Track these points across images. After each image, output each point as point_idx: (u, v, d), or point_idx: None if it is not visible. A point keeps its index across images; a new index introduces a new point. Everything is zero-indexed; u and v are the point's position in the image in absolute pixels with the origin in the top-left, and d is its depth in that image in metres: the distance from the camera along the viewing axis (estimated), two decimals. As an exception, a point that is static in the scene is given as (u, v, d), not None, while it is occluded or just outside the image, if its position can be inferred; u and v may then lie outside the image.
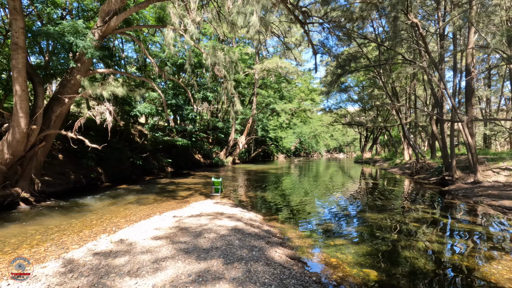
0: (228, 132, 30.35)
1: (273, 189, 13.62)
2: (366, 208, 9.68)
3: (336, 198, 11.72)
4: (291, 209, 9.14)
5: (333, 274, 4.37)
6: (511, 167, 12.96)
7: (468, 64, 14.54)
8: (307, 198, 11.37)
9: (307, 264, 4.63)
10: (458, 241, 6.24)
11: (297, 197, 11.41)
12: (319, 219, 7.91)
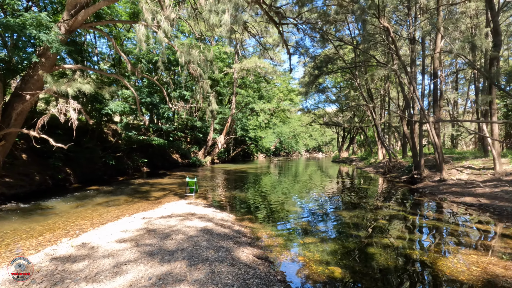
0: (206, 132, 30.01)
1: (250, 189, 13.62)
2: (340, 206, 9.91)
3: (312, 197, 11.91)
4: (266, 209, 9.18)
5: (298, 272, 4.42)
6: (472, 165, 13.77)
7: (436, 68, 15.29)
8: (283, 197, 11.47)
9: (274, 263, 4.65)
10: (420, 236, 6.53)
11: (274, 197, 11.48)
12: (293, 218, 7.99)
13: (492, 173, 11.93)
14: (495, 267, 4.63)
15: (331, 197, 11.78)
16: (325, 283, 4.14)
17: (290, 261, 4.87)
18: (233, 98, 30.56)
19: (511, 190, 9.83)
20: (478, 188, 10.98)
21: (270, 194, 12.26)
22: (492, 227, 7.23)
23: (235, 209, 9.11)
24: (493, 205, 9.13)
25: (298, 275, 4.32)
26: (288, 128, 56.64)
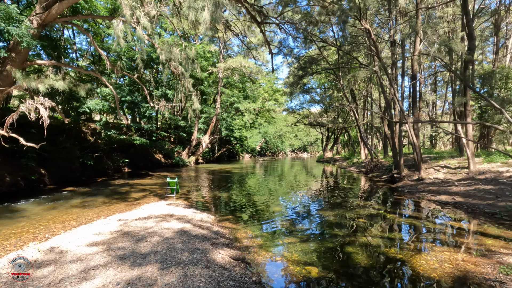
0: (191, 131, 29.62)
1: (234, 189, 13.51)
2: (322, 206, 9.98)
3: (295, 196, 11.95)
4: (248, 209, 9.10)
5: (275, 273, 4.38)
6: (448, 165, 14.25)
7: (415, 70, 15.70)
8: (267, 197, 11.43)
9: (251, 265, 4.59)
10: (397, 235, 6.65)
11: (257, 197, 11.42)
12: (275, 218, 7.96)
13: (466, 172, 12.38)
14: (466, 263, 4.76)
15: (314, 197, 11.86)
16: (301, 283, 4.12)
17: (268, 262, 4.82)
18: (218, 97, 30.31)
19: (483, 189, 10.23)
20: (453, 186, 11.36)
21: (254, 194, 12.20)
22: (465, 225, 7.46)
23: (216, 209, 8.99)
24: (466, 203, 9.45)
25: (274, 276, 4.28)
26: (274, 128, 56.81)
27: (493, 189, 10.08)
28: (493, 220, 7.68)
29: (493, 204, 8.81)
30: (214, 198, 10.96)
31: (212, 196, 11.48)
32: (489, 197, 9.49)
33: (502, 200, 8.94)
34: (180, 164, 25.33)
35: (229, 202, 10.16)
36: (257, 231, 6.63)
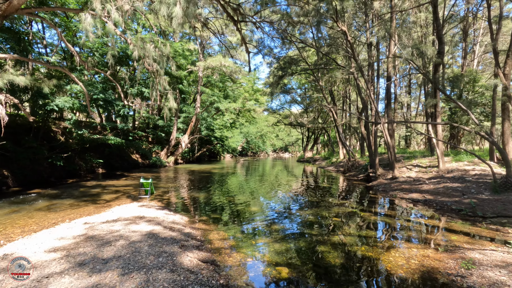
0: (169, 131, 28.97)
1: (212, 189, 13.29)
2: (298, 205, 10.01)
3: (272, 196, 11.93)
4: (224, 210, 8.96)
5: (244, 274, 4.28)
6: (420, 164, 14.80)
7: (389, 72, 16.20)
8: (244, 197, 11.33)
9: (220, 267, 4.47)
10: (369, 233, 6.76)
11: (234, 197, 11.29)
12: (250, 219, 7.88)
13: (436, 171, 12.90)
14: (431, 259, 4.89)
15: (292, 197, 11.89)
16: (270, 284, 4.06)
17: (238, 263, 4.72)
18: (198, 97, 29.87)
19: (451, 186, 10.68)
20: (424, 185, 11.79)
21: (232, 194, 12.06)
22: (433, 221, 7.73)
23: (191, 211, 8.77)
24: (436, 200, 9.82)
25: (243, 277, 4.18)
26: (255, 128, 56.83)
27: (460, 186, 10.55)
28: (459, 216, 8.00)
29: (459, 201, 9.21)
30: (190, 199, 10.72)
31: (188, 197, 11.23)
32: (456, 195, 9.92)
33: (467, 197, 9.36)
34: (157, 164, 24.67)
35: (205, 203, 9.97)
36: (231, 232, 6.52)
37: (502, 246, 5.32)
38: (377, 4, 12.37)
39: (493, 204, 8.44)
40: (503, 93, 12.15)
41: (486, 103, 20.27)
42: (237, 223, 7.34)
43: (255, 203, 10.20)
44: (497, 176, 9.96)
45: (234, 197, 11.32)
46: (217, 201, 10.27)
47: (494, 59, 13.10)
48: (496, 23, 15.16)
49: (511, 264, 4.43)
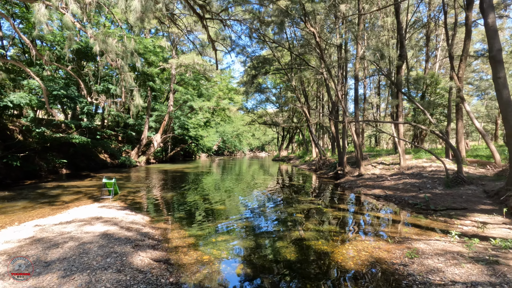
0: (140, 130, 28.11)
1: (182, 189, 13.07)
2: (264, 202, 10.10)
3: (241, 194, 11.95)
4: (191, 209, 8.84)
5: (197, 272, 4.26)
6: (384, 161, 15.52)
7: (356, 73, 16.80)
8: (212, 196, 11.25)
9: (173, 265, 4.41)
10: (329, 228, 6.97)
11: (203, 196, 11.18)
12: (215, 217, 7.84)
13: (398, 168, 13.58)
14: (381, 250, 5.15)
15: (259, 194, 11.99)
16: (222, 280, 4.07)
17: (194, 261, 4.68)
18: (171, 95, 29.22)
19: (410, 182, 11.31)
20: (386, 181, 12.37)
21: (201, 194, 11.93)
22: (390, 215, 8.14)
23: (154, 210, 8.57)
24: (395, 195, 10.35)
25: (196, 275, 4.16)
26: (231, 127, 56.63)
27: (417, 182, 11.18)
28: (414, 210, 8.49)
29: (416, 196, 9.77)
30: (156, 199, 10.47)
31: (155, 196, 10.97)
32: (413, 190, 10.51)
33: (423, 192, 9.95)
34: (127, 164, 23.83)
35: (172, 203, 9.79)
36: (193, 230, 6.45)
37: (446, 236, 5.72)
38: (344, 7, 12.79)
39: (445, 198, 9.04)
40: (456, 94, 13.04)
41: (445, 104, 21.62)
42: (200, 222, 7.28)
43: (223, 202, 10.17)
44: (450, 172, 10.68)
45: (203, 196, 11.22)
46: (184, 201, 10.12)
47: (450, 63, 14.02)
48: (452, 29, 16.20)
49: (449, 252, 4.77)
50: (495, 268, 3.94)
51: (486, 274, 3.79)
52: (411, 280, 3.92)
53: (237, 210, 8.88)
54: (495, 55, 8.07)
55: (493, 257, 4.32)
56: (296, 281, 4.13)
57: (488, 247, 4.92)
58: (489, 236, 5.57)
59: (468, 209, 7.83)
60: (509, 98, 7.95)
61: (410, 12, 22.96)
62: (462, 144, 13.04)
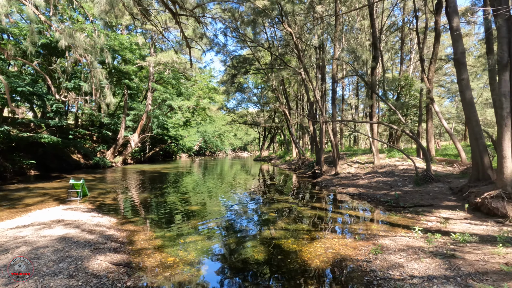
0: (117, 129, 27.20)
1: (157, 190, 12.72)
2: (238, 202, 10.02)
3: (215, 196, 11.80)
4: (163, 209, 8.60)
5: (158, 275, 4.11)
6: (360, 160, 15.88)
7: (334, 73, 17.09)
8: (188, 197, 11.03)
9: (134, 268, 4.23)
10: (300, 226, 6.98)
11: (178, 197, 10.94)
12: (186, 218, 7.66)
13: (372, 167, 13.93)
14: (347, 248, 5.21)
15: (235, 194, 11.90)
16: (183, 282, 3.94)
17: (157, 263, 4.52)
18: (149, 93, 28.48)
19: (382, 180, 11.61)
20: (360, 179, 12.65)
21: (177, 194, 11.67)
22: (361, 213, 8.30)
23: (124, 212, 8.27)
24: (368, 193, 10.59)
25: (157, 278, 4.01)
26: (213, 127, 56.08)
27: (389, 180, 11.51)
28: (385, 207, 8.71)
29: (387, 194, 10.03)
30: (129, 200, 10.12)
31: (128, 198, 10.60)
32: (385, 188, 10.80)
33: (394, 190, 10.24)
34: (101, 164, 22.97)
35: (145, 204, 9.49)
36: (162, 232, 6.26)
37: (410, 232, 5.88)
38: (320, 8, 12.96)
39: (414, 195, 9.35)
40: (426, 96, 13.55)
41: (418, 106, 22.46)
42: (172, 223, 7.08)
43: (199, 203, 9.99)
44: (419, 170, 11.07)
45: (178, 197, 10.98)
46: (158, 201, 9.85)
47: (420, 65, 14.55)
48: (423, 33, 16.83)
49: (411, 247, 4.90)
50: (451, 261, 4.08)
51: (442, 268, 3.91)
52: (373, 276, 3.97)
53: (212, 210, 8.74)
54: (459, 57, 8.43)
55: (450, 251, 4.47)
56: (260, 281, 4.08)
57: (448, 241, 5.10)
58: (451, 231, 5.78)
59: (434, 205, 8.12)
60: (472, 99, 8.33)
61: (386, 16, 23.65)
62: (432, 144, 13.57)
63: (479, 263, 3.92)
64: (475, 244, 4.90)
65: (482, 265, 3.83)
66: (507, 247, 4.55)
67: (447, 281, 3.53)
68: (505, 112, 6.62)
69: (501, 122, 6.66)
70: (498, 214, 6.42)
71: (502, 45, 6.67)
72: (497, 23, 6.82)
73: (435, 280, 3.59)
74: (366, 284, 3.81)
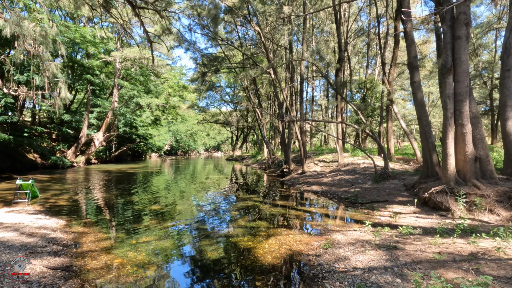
0: (79, 127, 25.72)
1: (119, 190, 12.16)
2: (202, 202, 9.87)
3: (181, 195, 11.54)
4: (119, 210, 8.22)
5: (101, 277, 3.89)
6: (325, 159, 16.34)
7: (302, 73, 17.43)
8: (149, 196, 10.65)
9: (74, 272, 3.97)
10: (259, 223, 6.99)
11: (137, 197, 10.53)
12: (143, 218, 7.37)
13: (336, 165, 14.39)
14: (301, 243, 5.30)
15: (197, 193, 11.71)
16: (127, 284, 3.77)
17: (101, 265, 4.28)
18: (115, 90, 27.22)
19: (344, 178, 12.03)
20: (324, 177, 13.00)
21: (138, 194, 11.23)
22: (321, 209, 8.51)
23: (76, 213, 7.78)
24: (330, 191, 10.90)
25: (98, 281, 3.79)
26: (185, 126, 54.90)
27: (351, 178, 11.94)
28: (344, 203, 9.01)
29: (348, 191, 10.40)
30: (84, 201, 9.55)
31: (84, 198, 10.00)
32: (347, 185, 11.18)
33: (354, 187, 10.64)
34: (59, 164, 21.57)
35: (101, 205, 9.02)
36: (114, 233, 5.97)
37: (362, 226, 6.12)
38: (287, 9, 13.14)
39: (371, 191, 9.77)
40: (387, 97, 14.23)
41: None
42: (126, 223, 6.78)
43: (159, 202, 9.68)
44: (378, 168, 11.59)
45: (138, 197, 10.57)
46: (116, 202, 9.41)
47: (382, 68, 15.27)
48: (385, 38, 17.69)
49: (360, 241, 5.09)
50: (392, 253, 4.28)
51: (383, 259, 4.09)
52: (319, 270, 4.06)
53: (171, 210, 8.50)
54: (412, 61, 8.94)
55: (394, 243, 4.70)
56: (209, 280, 4.01)
57: (394, 234, 5.36)
58: (399, 224, 6.10)
59: (389, 201, 8.54)
60: (423, 101, 8.88)
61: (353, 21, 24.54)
62: (391, 143, 14.30)
63: (416, 253, 4.16)
64: (418, 236, 5.21)
65: (419, 255, 4.07)
66: (444, 237, 4.88)
67: (385, 271, 3.69)
68: (449, 113, 7.11)
69: (446, 122, 7.15)
70: (442, 208, 6.88)
71: (447, 50, 7.16)
72: (443, 29, 7.31)
73: (374, 271, 3.75)
74: (312, 277, 3.88)
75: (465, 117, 7.00)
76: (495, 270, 3.37)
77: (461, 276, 3.27)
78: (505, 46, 8.03)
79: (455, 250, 4.20)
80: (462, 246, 4.37)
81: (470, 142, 7.03)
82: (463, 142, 7.02)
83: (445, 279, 3.23)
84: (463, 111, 7.01)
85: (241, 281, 3.93)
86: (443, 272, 3.45)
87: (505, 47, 8.03)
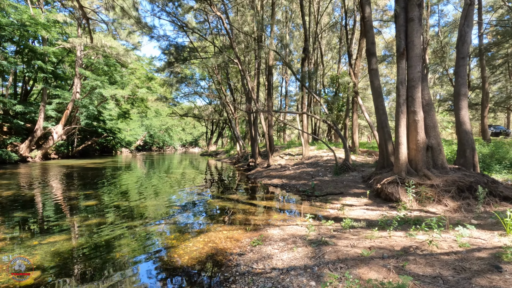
0: (34, 119, 23.78)
1: (62, 185, 11.04)
2: (150, 197, 9.05)
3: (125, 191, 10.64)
4: (45, 206, 7.26)
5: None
6: (291, 152, 15.95)
7: (270, 65, 16.85)
8: (90, 192, 9.67)
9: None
10: (196, 219, 6.32)
11: (76, 193, 9.51)
12: (68, 215, 6.48)
13: (300, 158, 13.99)
14: (230, 240, 4.69)
15: (151, 189, 10.86)
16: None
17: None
18: (76, 80, 25.36)
19: (306, 171, 11.61)
20: (287, 171, 12.54)
21: (80, 190, 10.19)
22: (273, 203, 7.97)
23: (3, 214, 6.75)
24: (289, 184, 10.43)
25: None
26: (159, 121, 52.95)
27: (313, 170, 11.54)
28: (301, 196, 8.53)
29: (306, 184, 9.96)
30: (5, 197, 8.45)
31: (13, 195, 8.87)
32: (307, 178, 10.76)
33: (314, 179, 10.22)
34: (6, 159, 19.75)
35: (26, 200, 7.97)
36: (18, 233, 5.09)
37: (305, 220, 5.61)
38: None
39: (329, 184, 9.38)
40: (352, 89, 13.96)
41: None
42: (42, 222, 5.88)
43: (97, 197, 8.75)
44: (340, 160, 11.27)
45: (76, 192, 9.56)
46: (48, 198, 8.39)
47: (348, 60, 14.98)
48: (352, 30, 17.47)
49: (294, 236, 4.56)
50: (321, 249, 3.77)
51: (307, 257, 3.56)
52: (233, 272, 3.46)
53: (105, 206, 7.63)
54: (370, 47, 8.56)
55: (328, 238, 4.20)
56: (100, 282, 3.29)
57: (334, 228, 4.89)
58: (346, 217, 5.64)
59: (344, 193, 8.16)
60: (380, 88, 8.53)
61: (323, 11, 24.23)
62: (356, 135, 14.09)
63: (345, 249, 3.66)
64: (359, 229, 4.76)
65: (347, 252, 3.57)
66: (383, 230, 4.45)
67: (304, 271, 3.15)
68: (401, 99, 6.76)
69: (398, 109, 6.80)
70: (393, 199, 6.54)
71: (400, 33, 6.79)
72: (396, 11, 6.92)
73: (292, 271, 3.20)
74: (221, 282, 3.28)
75: (417, 103, 6.68)
76: (422, 268, 2.91)
77: (382, 276, 2.77)
78: (460, 34, 7.81)
79: (388, 244, 3.74)
80: (398, 240, 3.94)
81: (422, 130, 6.73)
82: (415, 130, 6.70)
83: (363, 280, 2.72)
84: (415, 97, 6.68)
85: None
86: (364, 271, 2.94)
87: (460, 35, 7.81)
